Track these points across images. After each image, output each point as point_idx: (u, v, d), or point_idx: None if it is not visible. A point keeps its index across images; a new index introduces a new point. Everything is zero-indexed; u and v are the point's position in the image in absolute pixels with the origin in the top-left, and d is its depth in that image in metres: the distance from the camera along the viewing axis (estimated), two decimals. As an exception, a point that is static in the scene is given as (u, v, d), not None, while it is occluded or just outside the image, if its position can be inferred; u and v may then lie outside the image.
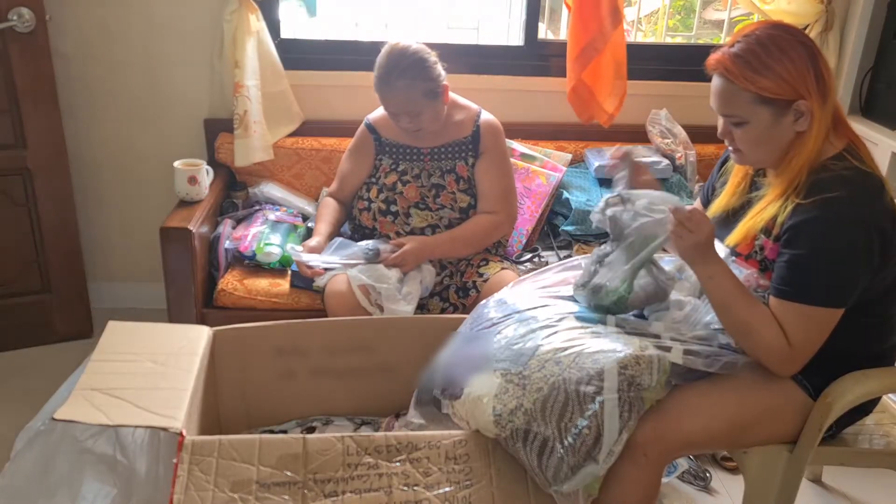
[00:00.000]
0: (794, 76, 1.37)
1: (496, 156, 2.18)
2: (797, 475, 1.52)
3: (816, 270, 1.37)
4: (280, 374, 1.79)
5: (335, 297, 1.99)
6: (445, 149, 2.17)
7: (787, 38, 1.39)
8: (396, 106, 2.06)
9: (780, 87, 1.38)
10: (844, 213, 1.36)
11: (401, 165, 2.17)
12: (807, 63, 1.38)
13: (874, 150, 2.46)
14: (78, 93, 2.58)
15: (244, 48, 2.44)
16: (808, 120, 1.40)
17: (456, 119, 2.18)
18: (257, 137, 2.51)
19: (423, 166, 2.15)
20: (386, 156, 2.19)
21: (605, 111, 2.60)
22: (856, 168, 1.40)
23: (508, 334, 1.52)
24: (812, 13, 2.57)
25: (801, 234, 1.38)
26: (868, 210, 1.37)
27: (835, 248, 1.36)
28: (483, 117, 2.20)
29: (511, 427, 1.38)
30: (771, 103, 1.39)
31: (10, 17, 2.25)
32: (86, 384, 1.45)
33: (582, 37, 2.49)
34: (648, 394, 1.39)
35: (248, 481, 1.34)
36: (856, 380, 1.47)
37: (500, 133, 2.20)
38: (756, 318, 1.41)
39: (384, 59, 2.04)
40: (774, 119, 1.41)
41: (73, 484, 1.32)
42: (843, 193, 1.36)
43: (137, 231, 2.73)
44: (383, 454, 1.39)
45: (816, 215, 1.36)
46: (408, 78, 2.01)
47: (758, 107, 1.40)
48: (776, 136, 1.43)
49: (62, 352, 2.55)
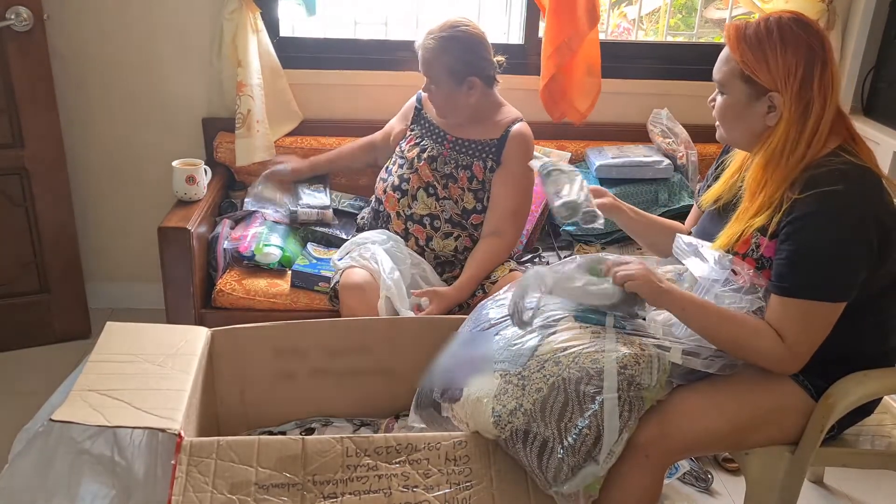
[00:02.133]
0: (779, 68, 1.38)
1: (517, 170, 2.09)
2: (799, 476, 1.51)
3: (817, 265, 1.37)
4: (279, 375, 1.79)
5: (352, 289, 1.98)
6: (469, 144, 2.14)
7: (797, 35, 1.39)
8: (420, 65, 2.10)
9: (762, 70, 1.39)
10: (842, 206, 1.35)
11: (424, 141, 2.18)
12: (799, 63, 1.38)
13: (876, 150, 2.45)
14: (76, 92, 2.57)
15: (247, 47, 2.43)
16: (778, 117, 1.41)
17: (491, 119, 2.16)
18: (260, 137, 2.50)
19: (442, 151, 2.15)
20: (418, 126, 2.23)
21: (576, 109, 2.60)
22: (852, 163, 1.40)
23: (507, 335, 1.51)
24: (813, 12, 2.56)
25: (800, 228, 1.37)
26: (866, 203, 1.37)
27: (834, 241, 1.36)
28: (517, 126, 2.13)
29: (511, 428, 1.37)
30: (750, 82, 1.42)
31: (8, 17, 2.24)
32: (84, 385, 1.44)
33: (557, 36, 2.49)
34: (648, 393, 1.39)
35: (247, 483, 1.33)
36: (857, 381, 1.46)
37: (526, 145, 2.12)
38: (741, 332, 1.40)
39: (437, 23, 2.09)
40: (749, 99, 1.43)
41: (71, 485, 1.32)
42: (840, 187, 1.35)
43: (135, 231, 2.72)
44: (383, 455, 1.38)
45: (815, 209, 1.36)
46: (441, 43, 2.04)
47: (737, 80, 1.43)
48: (746, 118, 1.45)
49: (60, 352, 2.55)
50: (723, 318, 1.41)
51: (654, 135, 2.64)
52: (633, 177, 2.54)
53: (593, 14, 2.47)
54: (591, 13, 2.46)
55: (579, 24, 2.47)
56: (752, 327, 1.40)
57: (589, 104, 2.60)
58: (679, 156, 2.57)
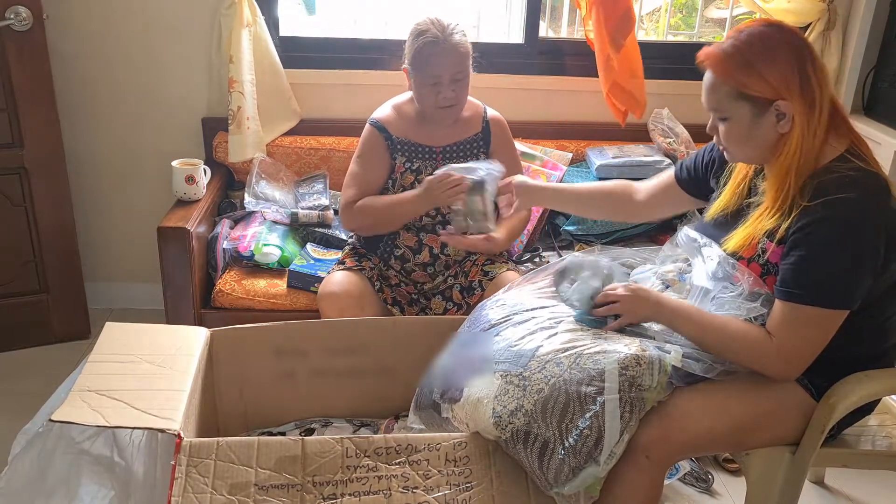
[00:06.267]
0: (776, 76, 1.36)
1: (507, 152, 2.18)
2: (800, 477, 1.51)
3: (824, 272, 1.36)
4: (278, 376, 1.79)
5: (328, 298, 1.99)
6: (458, 146, 2.15)
7: (777, 38, 1.39)
8: (449, 66, 1.99)
9: (760, 84, 1.37)
10: (852, 213, 1.35)
11: (415, 164, 2.13)
12: (792, 64, 1.37)
13: (877, 150, 2.46)
14: (75, 92, 2.57)
15: (239, 43, 2.42)
16: (790, 122, 1.39)
17: (464, 116, 2.16)
18: (250, 134, 2.49)
19: (437, 165, 2.12)
20: (399, 154, 2.12)
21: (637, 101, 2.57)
22: (861, 169, 1.39)
23: (508, 336, 1.51)
24: (814, 12, 2.56)
25: (809, 235, 1.36)
26: (876, 211, 1.36)
27: (843, 249, 1.35)
28: (490, 113, 2.19)
29: (511, 429, 1.37)
30: (750, 100, 1.39)
31: (8, 16, 2.24)
32: (83, 385, 1.44)
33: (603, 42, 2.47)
34: (649, 394, 1.38)
35: (247, 483, 1.33)
36: (858, 381, 1.46)
37: (507, 128, 2.21)
38: (730, 341, 1.42)
39: (430, 25, 2.01)
40: (754, 117, 1.40)
41: (70, 486, 1.32)
42: (850, 194, 1.35)
43: (135, 231, 2.72)
44: (382, 456, 1.38)
45: (824, 216, 1.35)
46: (460, 36, 2.01)
47: (737, 102, 1.40)
48: (758, 135, 1.42)
49: (59, 352, 2.55)
50: (709, 328, 1.43)
51: (655, 134, 2.64)
52: (633, 177, 2.52)
53: (628, 15, 2.45)
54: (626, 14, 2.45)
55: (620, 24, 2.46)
56: (739, 335, 1.41)
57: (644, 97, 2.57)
58: (680, 155, 2.57)
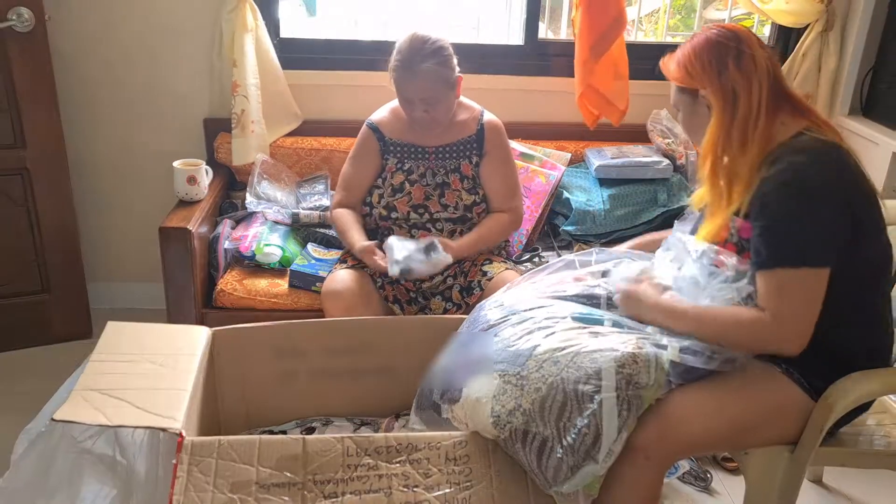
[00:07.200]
0: (695, 68, 1.50)
1: (501, 155, 2.19)
2: (798, 476, 1.51)
3: (786, 233, 1.38)
4: (280, 375, 1.79)
5: (332, 296, 2.00)
6: (450, 148, 2.16)
7: (707, 38, 1.51)
8: (416, 91, 2.03)
9: (686, 76, 1.53)
10: (805, 173, 1.38)
11: (406, 164, 2.16)
12: (710, 57, 1.48)
13: (875, 150, 2.47)
14: (77, 92, 2.57)
15: (242, 47, 2.43)
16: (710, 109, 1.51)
17: (460, 118, 2.18)
18: (255, 137, 2.50)
19: (429, 165, 2.15)
20: (391, 155, 2.17)
21: (616, 108, 2.58)
22: (817, 139, 1.44)
23: (506, 335, 1.52)
24: (812, 13, 2.57)
25: (769, 201, 1.40)
26: (828, 168, 1.40)
27: (801, 207, 1.37)
28: (486, 117, 2.20)
29: (510, 428, 1.38)
30: (685, 92, 1.56)
31: (10, 17, 2.24)
32: (85, 385, 1.45)
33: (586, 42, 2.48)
34: (647, 392, 1.39)
35: (248, 482, 1.34)
36: (856, 380, 1.46)
37: (503, 132, 2.21)
38: (723, 327, 1.42)
39: (407, 45, 2.03)
40: (690, 106, 1.56)
41: (72, 484, 1.32)
42: (803, 157, 1.40)
43: (137, 231, 2.72)
44: (383, 455, 1.39)
45: (781, 180, 1.39)
46: (432, 62, 2.00)
47: (680, 95, 1.58)
48: (696, 122, 1.56)
49: (61, 352, 2.55)
50: (705, 322, 1.43)
51: (654, 135, 2.65)
52: (632, 177, 2.55)
53: (620, 19, 2.46)
54: (618, 18, 2.46)
55: (608, 29, 2.46)
56: (733, 321, 1.41)
57: (625, 104, 2.58)
58: (678, 156, 2.58)
